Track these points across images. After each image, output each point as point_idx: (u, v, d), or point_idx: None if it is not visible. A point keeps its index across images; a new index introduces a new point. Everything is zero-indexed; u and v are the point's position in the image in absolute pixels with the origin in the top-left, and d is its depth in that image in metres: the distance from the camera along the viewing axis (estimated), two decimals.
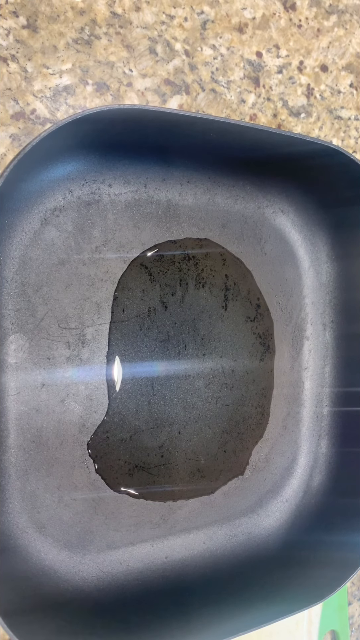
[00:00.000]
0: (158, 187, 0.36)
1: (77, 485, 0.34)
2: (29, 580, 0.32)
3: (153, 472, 0.36)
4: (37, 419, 0.33)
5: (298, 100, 0.42)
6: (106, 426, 0.35)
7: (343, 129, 0.44)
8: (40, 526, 0.33)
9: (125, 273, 0.35)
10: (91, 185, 0.34)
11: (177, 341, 0.37)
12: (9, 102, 0.33)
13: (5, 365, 0.32)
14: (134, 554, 0.35)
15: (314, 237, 0.42)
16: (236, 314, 0.39)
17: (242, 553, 0.38)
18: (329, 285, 0.42)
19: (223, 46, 0.39)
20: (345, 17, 0.44)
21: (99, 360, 0.34)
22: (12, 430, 0.32)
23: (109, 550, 0.35)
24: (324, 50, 0.43)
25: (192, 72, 0.38)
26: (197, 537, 0.38)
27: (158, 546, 0.36)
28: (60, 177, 0.33)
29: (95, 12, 0.35)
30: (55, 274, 0.33)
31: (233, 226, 0.39)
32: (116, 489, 0.35)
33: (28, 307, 0.33)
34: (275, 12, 0.41)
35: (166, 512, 0.36)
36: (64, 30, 0.34)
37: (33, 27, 0.33)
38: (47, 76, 0.34)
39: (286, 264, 0.41)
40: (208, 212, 0.38)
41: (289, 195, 0.40)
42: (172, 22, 0.37)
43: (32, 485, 0.33)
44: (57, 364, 0.33)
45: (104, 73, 0.35)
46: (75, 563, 0.34)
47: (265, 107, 0.41)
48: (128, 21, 0.35)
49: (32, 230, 0.33)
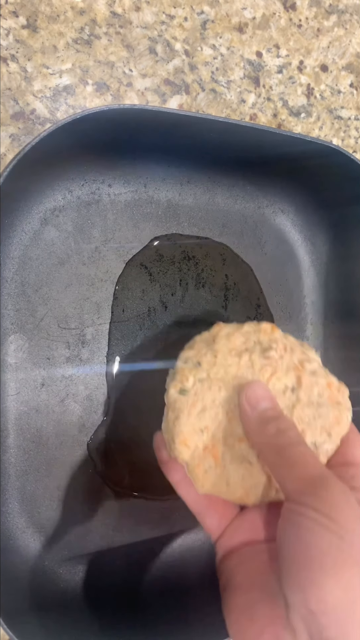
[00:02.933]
0: (158, 187, 0.36)
1: (77, 485, 0.34)
2: (29, 580, 0.32)
3: (153, 472, 0.36)
4: (37, 419, 0.33)
5: (298, 100, 0.42)
6: (106, 426, 0.35)
7: (343, 129, 0.44)
8: (40, 526, 0.33)
9: (125, 273, 0.35)
10: (91, 185, 0.34)
11: (177, 341, 0.37)
12: (9, 102, 0.33)
13: (5, 365, 0.32)
14: (134, 554, 0.35)
15: (314, 237, 0.42)
16: (236, 314, 0.39)
17: None
18: (329, 285, 0.42)
19: (223, 46, 0.39)
20: (345, 17, 0.44)
21: (99, 360, 0.34)
22: (12, 430, 0.32)
23: (109, 550, 0.35)
24: (324, 50, 0.43)
25: (192, 72, 0.38)
26: (197, 537, 0.38)
27: (158, 546, 0.36)
28: (60, 177, 0.33)
29: (95, 12, 0.35)
30: (55, 274, 0.33)
31: (233, 226, 0.39)
32: (116, 489, 0.35)
33: (28, 307, 0.33)
34: (275, 11, 0.41)
35: (166, 511, 0.36)
36: (64, 30, 0.34)
37: (33, 27, 0.33)
38: (47, 76, 0.34)
39: (286, 264, 0.41)
40: (208, 212, 0.38)
41: (289, 195, 0.40)
42: (172, 22, 0.37)
43: (32, 486, 0.33)
44: (57, 364, 0.33)
45: (104, 73, 0.35)
46: (75, 563, 0.34)
47: (265, 107, 0.41)
48: (128, 21, 0.35)
49: (32, 230, 0.33)
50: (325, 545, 0.20)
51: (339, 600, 0.19)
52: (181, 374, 0.27)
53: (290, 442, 0.23)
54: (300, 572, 0.20)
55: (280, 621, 0.20)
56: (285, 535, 0.21)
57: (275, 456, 0.23)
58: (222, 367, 0.27)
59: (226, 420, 0.26)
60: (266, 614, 0.21)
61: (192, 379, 0.26)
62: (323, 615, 0.19)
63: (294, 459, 0.23)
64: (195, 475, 0.26)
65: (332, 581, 0.19)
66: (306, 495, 0.21)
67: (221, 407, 0.26)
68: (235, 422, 0.26)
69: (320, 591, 0.19)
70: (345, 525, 0.20)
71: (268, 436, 0.24)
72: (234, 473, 0.26)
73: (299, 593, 0.20)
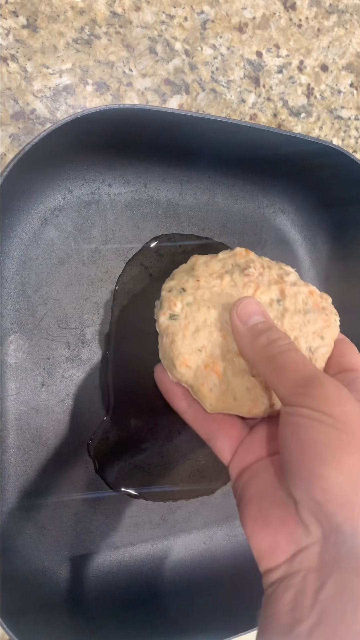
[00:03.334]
0: (158, 187, 0.36)
1: (77, 485, 0.34)
2: (29, 580, 0.32)
3: (153, 472, 0.36)
4: (37, 419, 0.33)
5: (298, 100, 0.42)
6: (106, 426, 0.35)
7: (343, 129, 0.44)
8: (40, 526, 0.33)
9: (125, 273, 0.35)
10: (91, 185, 0.34)
11: None
12: (9, 102, 0.33)
13: (5, 365, 0.32)
14: (134, 554, 0.35)
15: (314, 237, 0.42)
16: None
17: (242, 553, 0.38)
18: (329, 286, 0.42)
19: (223, 46, 0.39)
20: (345, 16, 0.44)
21: (98, 360, 0.34)
22: (12, 430, 0.32)
23: (108, 550, 0.35)
24: (324, 50, 0.43)
25: (192, 72, 0.38)
26: (197, 537, 0.38)
27: (158, 546, 0.36)
28: (60, 177, 0.33)
29: (95, 11, 0.35)
30: (55, 274, 0.33)
31: (233, 226, 0.39)
32: (116, 489, 0.35)
33: (28, 306, 0.33)
34: (275, 11, 0.41)
35: (166, 512, 0.36)
36: (64, 30, 0.34)
37: (33, 27, 0.33)
38: (47, 76, 0.34)
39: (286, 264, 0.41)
40: (208, 211, 0.38)
41: (289, 195, 0.40)
42: (172, 21, 0.37)
43: (32, 486, 0.33)
44: (57, 364, 0.33)
45: (104, 73, 0.35)
46: (75, 563, 0.34)
47: (266, 106, 0.41)
48: (128, 21, 0.35)
49: (32, 230, 0.33)
50: (323, 438, 0.20)
51: (343, 486, 0.19)
52: (168, 300, 0.28)
53: (281, 350, 0.24)
54: (301, 468, 0.21)
55: (292, 520, 0.21)
56: (284, 439, 0.22)
57: (268, 365, 0.24)
58: (206, 290, 0.27)
59: (221, 337, 0.27)
60: (278, 517, 0.22)
61: (179, 304, 0.27)
62: (328, 503, 0.20)
63: (285, 365, 0.23)
64: (202, 394, 0.26)
65: (334, 470, 0.20)
66: (299, 396, 0.22)
67: (214, 326, 0.27)
68: (229, 338, 0.26)
69: (323, 481, 0.20)
70: (341, 417, 0.21)
71: (260, 347, 0.24)
72: (239, 386, 0.26)
73: (304, 488, 0.20)
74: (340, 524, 0.19)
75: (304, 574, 0.20)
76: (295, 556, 0.21)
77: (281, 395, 0.23)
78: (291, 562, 0.21)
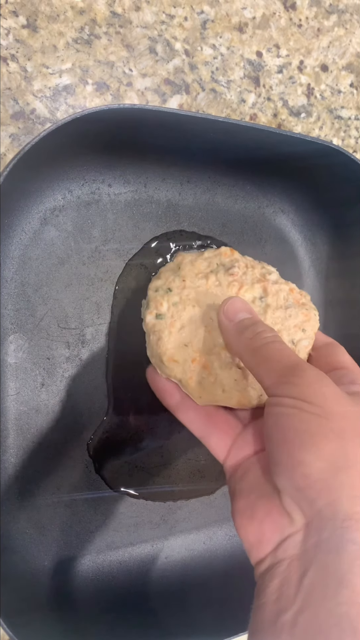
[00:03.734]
0: (158, 187, 0.36)
1: (77, 485, 0.34)
2: (29, 580, 0.32)
3: (153, 472, 0.36)
4: (37, 419, 0.33)
5: (298, 100, 0.42)
6: (106, 426, 0.35)
7: (343, 129, 0.44)
8: (40, 526, 0.33)
9: (125, 273, 0.35)
10: (91, 185, 0.34)
11: None
12: (9, 102, 0.33)
13: (5, 365, 0.32)
14: (134, 554, 0.35)
15: (314, 237, 0.42)
16: None
17: (242, 553, 0.38)
18: (329, 285, 0.42)
19: (223, 46, 0.39)
20: (345, 16, 0.44)
21: (98, 360, 0.34)
22: (12, 430, 0.32)
23: (108, 550, 0.35)
24: (324, 50, 0.43)
25: (192, 72, 0.38)
26: (197, 537, 0.38)
27: (158, 546, 0.36)
28: (60, 177, 0.33)
29: (95, 11, 0.35)
30: (55, 273, 0.33)
31: (233, 226, 0.39)
32: (116, 489, 0.35)
33: (28, 306, 0.33)
34: (275, 11, 0.41)
35: (166, 512, 0.36)
36: (63, 30, 0.34)
37: (33, 27, 0.33)
38: (47, 76, 0.34)
39: (286, 264, 0.41)
40: (208, 211, 0.38)
41: (289, 195, 0.40)
42: (172, 21, 0.37)
43: (32, 485, 0.33)
44: (57, 364, 0.33)
45: (104, 73, 0.35)
46: (75, 563, 0.34)
47: (266, 106, 0.41)
48: (128, 21, 0.35)
49: (32, 230, 0.33)
50: (303, 425, 0.21)
51: (322, 471, 0.20)
52: (154, 301, 0.28)
53: (267, 341, 0.24)
54: (282, 456, 0.21)
55: (276, 510, 0.21)
56: (268, 429, 0.22)
57: (254, 357, 0.24)
58: (192, 290, 0.28)
59: (206, 332, 0.27)
60: (263, 509, 0.22)
61: (165, 304, 0.28)
62: (309, 488, 0.20)
63: (269, 355, 0.24)
64: (191, 388, 0.27)
65: (313, 456, 0.20)
66: (281, 385, 0.22)
67: (199, 322, 0.28)
68: (215, 333, 0.27)
69: (303, 467, 0.20)
70: (322, 404, 0.21)
71: (246, 340, 0.25)
72: (227, 378, 0.27)
73: (286, 475, 0.21)
74: (321, 509, 0.20)
75: (288, 562, 0.20)
76: (280, 545, 0.21)
77: (266, 385, 0.23)
78: (276, 552, 0.21)
